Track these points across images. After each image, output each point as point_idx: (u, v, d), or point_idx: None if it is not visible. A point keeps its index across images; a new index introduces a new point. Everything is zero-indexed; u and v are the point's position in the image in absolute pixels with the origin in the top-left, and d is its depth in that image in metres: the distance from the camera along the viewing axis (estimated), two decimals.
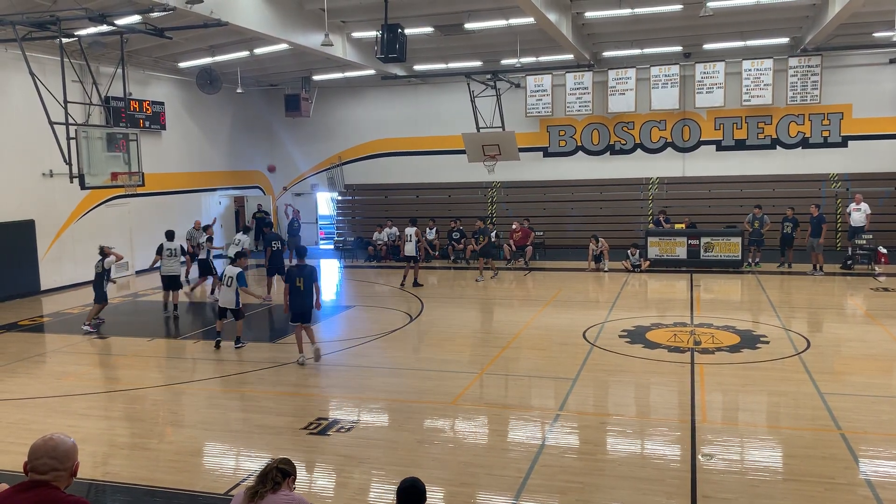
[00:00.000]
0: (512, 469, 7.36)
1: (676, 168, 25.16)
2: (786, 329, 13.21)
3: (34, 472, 3.40)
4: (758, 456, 7.63)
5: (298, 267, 11.70)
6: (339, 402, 9.86)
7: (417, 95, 27.36)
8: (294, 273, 11.62)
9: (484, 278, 18.87)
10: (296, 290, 11.49)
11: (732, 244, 20.16)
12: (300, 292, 11.47)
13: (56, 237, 19.39)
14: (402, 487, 4.17)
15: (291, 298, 11.53)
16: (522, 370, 11.23)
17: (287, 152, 29.26)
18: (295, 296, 11.50)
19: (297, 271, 11.59)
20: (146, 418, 9.39)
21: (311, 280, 11.51)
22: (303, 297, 11.49)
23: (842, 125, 23.57)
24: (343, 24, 19.80)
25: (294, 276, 11.56)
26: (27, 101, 16.20)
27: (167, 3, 13.33)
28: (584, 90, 24.69)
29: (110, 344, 13.46)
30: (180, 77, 23.79)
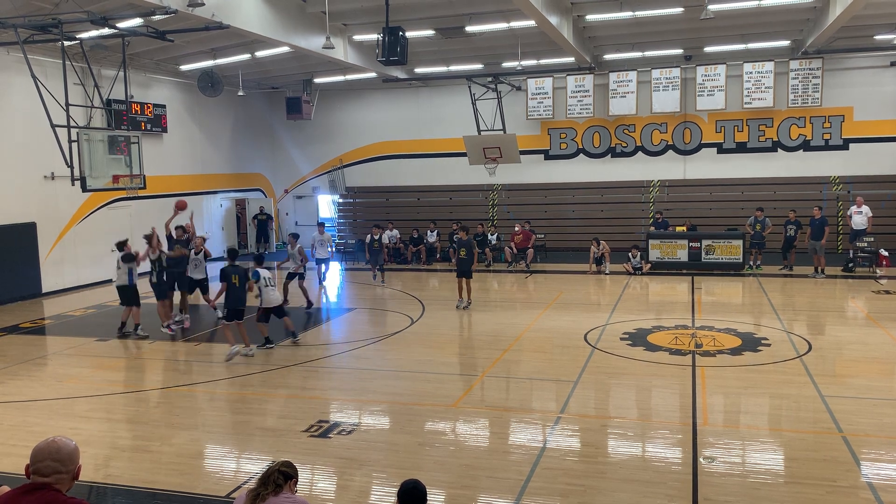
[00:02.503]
0: (513, 472, 7.35)
1: (677, 171, 25.17)
2: (787, 332, 13.20)
3: (36, 475, 3.40)
4: (759, 458, 7.62)
5: (233, 266, 12.28)
6: (340, 404, 9.86)
7: (419, 98, 27.39)
8: (229, 271, 12.19)
9: (464, 301, 16.14)
10: (231, 288, 12.15)
11: (734, 247, 20.15)
12: (235, 290, 12.14)
13: (58, 240, 19.41)
14: (403, 490, 4.17)
15: (228, 295, 12.17)
16: (524, 373, 11.22)
17: (288, 155, 29.31)
18: (231, 292, 12.14)
19: (232, 270, 12.21)
20: (147, 421, 9.38)
21: (245, 279, 12.23)
22: (239, 294, 12.18)
23: (843, 128, 23.58)
24: (344, 27, 19.83)
25: (229, 274, 12.16)
26: (29, 104, 16.24)
27: (169, 5, 13.35)
28: (585, 93, 24.71)
29: (112, 346, 13.46)
30: (182, 80, 23.83)
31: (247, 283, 12.25)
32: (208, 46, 20.31)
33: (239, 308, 12.20)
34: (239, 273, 12.22)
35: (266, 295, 12.60)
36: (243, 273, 12.24)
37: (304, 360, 12.09)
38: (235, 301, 12.18)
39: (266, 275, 12.59)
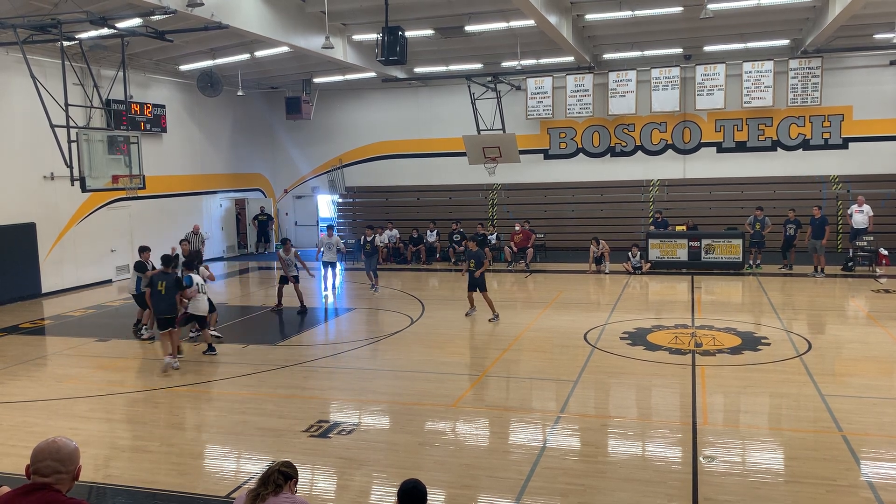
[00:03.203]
0: (513, 471, 7.36)
1: (677, 170, 25.17)
2: (787, 331, 13.20)
3: (37, 475, 3.40)
4: (759, 458, 7.62)
5: (163, 273, 11.81)
6: (340, 404, 9.86)
7: (418, 98, 27.39)
8: (156, 278, 11.74)
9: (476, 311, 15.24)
10: (156, 294, 11.67)
11: (733, 246, 20.16)
12: (161, 297, 11.64)
13: (57, 240, 19.41)
14: (403, 489, 4.16)
15: (154, 302, 11.76)
16: (523, 372, 11.23)
17: (288, 155, 29.31)
18: (158, 300, 11.67)
19: (161, 276, 11.73)
20: (147, 421, 9.38)
21: (175, 287, 11.66)
22: (166, 302, 11.64)
23: (842, 127, 23.58)
24: (344, 27, 19.83)
25: (156, 282, 11.69)
26: (28, 104, 16.23)
27: (168, 5, 13.35)
28: (584, 92, 24.71)
29: (111, 347, 13.45)
30: (181, 80, 23.82)
31: (178, 291, 11.67)
32: (207, 46, 20.30)
33: (167, 317, 11.66)
34: (167, 280, 11.68)
35: (194, 302, 12.20)
36: (173, 281, 11.71)
37: (304, 360, 12.09)
38: (163, 309, 11.64)
39: (199, 280, 12.31)
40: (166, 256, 12.09)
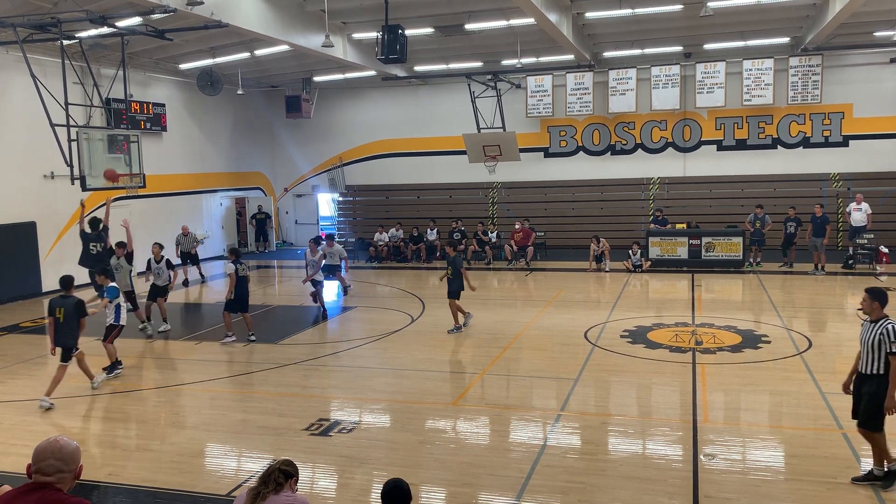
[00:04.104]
0: (513, 469, 7.36)
1: (677, 168, 25.17)
2: (787, 329, 13.20)
3: (39, 474, 3.41)
4: (760, 456, 7.63)
5: (62, 297, 10.24)
6: (340, 403, 9.87)
7: (418, 96, 27.38)
8: (54, 304, 10.19)
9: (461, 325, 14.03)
10: (56, 324, 10.13)
11: (734, 244, 20.15)
12: (60, 326, 10.11)
13: (57, 239, 19.41)
14: (385, 490, 4.15)
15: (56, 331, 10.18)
16: (524, 371, 11.23)
17: (288, 153, 29.30)
18: (56, 329, 10.16)
19: (59, 302, 10.18)
20: (148, 420, 9.39)
21: (76, 313, 10.11)
22: (62, 332, 10.14)
23: (842, 125, 23.57)
24: (343, 26, 19.82)
25: (54, 308, 10.16)
26: (28, 103, 16.23)
27: (168, 4, 13.34)
28: (584, 90, 24.69)
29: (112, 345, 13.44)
30: (181, 78, 23.82)
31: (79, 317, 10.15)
32: (207, 45, 20.29)
33: (69, 346, 10.19)
34: (66, 306, 10.11)
35: (123, 312, 11.51)
36: (72, 306, 10.11)
37: (305, 359, 12.10)
38: (61, 340, 10.15)
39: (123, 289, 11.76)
40: (64, 278, 10.46)
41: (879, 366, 6.61)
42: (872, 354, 6.65)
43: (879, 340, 6.57)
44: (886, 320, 6.63)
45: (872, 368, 6.66)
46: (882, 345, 6.56)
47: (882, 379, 6.59)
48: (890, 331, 6.53)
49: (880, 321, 6.65)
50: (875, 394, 6.62)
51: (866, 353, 6.70)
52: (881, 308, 6.73)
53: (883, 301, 6.74)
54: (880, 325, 6.61)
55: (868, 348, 6.68)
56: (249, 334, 13.39)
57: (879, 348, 6.58)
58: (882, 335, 6.56)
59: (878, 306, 6.74)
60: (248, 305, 13.60)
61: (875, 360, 6.63)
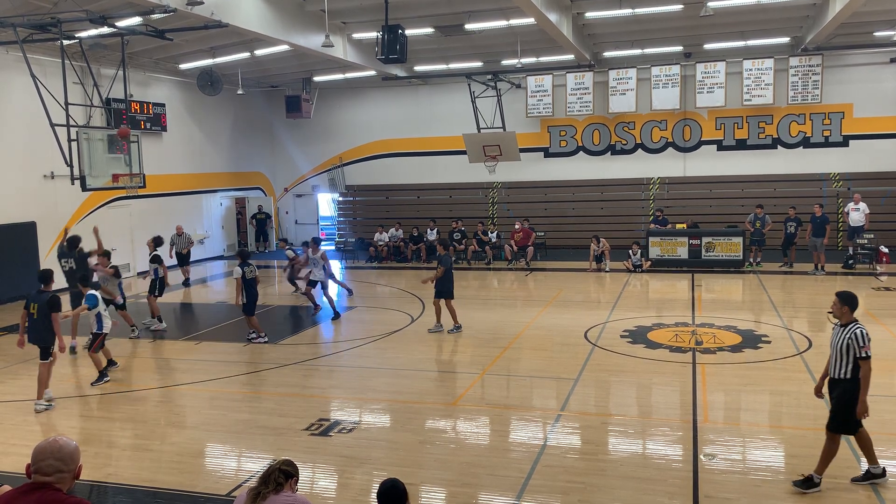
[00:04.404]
0: (514, 469, 7.36)
1: (677, 168, 25.16)
2: (787, 329, 13.20)
3: (38, 474, 3.41)
4: (760, 456, 7.63)
5: (38, 293, 9.94)
6: (340, 402, 9.87)
7: (418, 96, 27.38)
8: (30, 299, 9.97)
9: (443, 327, 13.72)
10: (29, 318, 9.91)
11: (734, 244, 20.15)
12: (34, 322, 9.85)
13: (57, 239, 19.28)
14: (381, 490, 4.14)
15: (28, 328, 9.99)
16: (524, 370, 11.23)
17: (288, 153, 29.31)
18: (30, 326, 9.91)
19: (34, 297, 9.91)
20: (148, 419, 9.39)
21: (49, 309, 9.74)
22: (35, 328, 9.89)
23: (843, 124, 23.57)
24: (344, 26, 19.82)
25: (28, 304, 9.93)
26: (28, 103, 16.22)
27: (168, 4, 13.34)
28: (584, 90, 24.69)
29: (112, 345, 13.43)
30: (181, 78, 23.82)
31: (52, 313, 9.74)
32: (207, 45, 20.29)
33: (41, 346, 9.89)
34: (40, 301, 9.79)
35: (105, 320, 11.07)
36: (46, 301, 9.77)
37: (305, 359, 12.10)
38: (36, 337, 9.90)
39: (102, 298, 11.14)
40: (42, 272, 10.22)
41: (848, 370, 6.65)
42: (842, 359, 6.68)
43: (848, 345, 6.62)
44: (856, 325, 6.66)
45: (841, 373, 6.70)
46: (851, 349, 6.59)
47: (849, 383, 6.63)
48: (858, 335, 6.56)
49: (849, 325, 6.69)
50: (842, 397, 6.65)
51: (836, 358, 6.74)
52: (850, 312, 6.76)
53: (853, 305, 6.77)
54: (849, 330, 6.65)
55: (837, 352, 6.72)
56: (250, 332, 13.39)
57: (848, 352, 6.62)
58: (851, 339, 6.59)
59: (847, 310, 6.76)
60: (255, 308, 13.50)
61: (844, 364, 6.66)
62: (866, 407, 6.59)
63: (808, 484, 6.72)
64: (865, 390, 6.58)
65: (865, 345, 6.56)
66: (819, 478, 6.75)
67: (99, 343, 11.08)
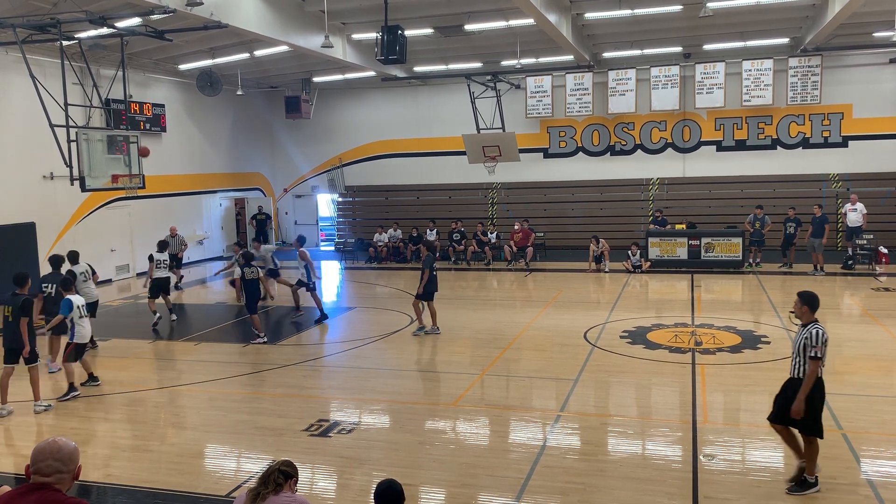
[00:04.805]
0: (513, 470, 7.36)
1: (677, 168, 25.17)
2: (787, 329, 13.20)
3: (37, 475, 3.41)
4: (759, 456, 7.63)
5: (13, 296, 9.71)
6: (340, 403, 9.87)
7: (418, 97, 27.38)
8: (5, 301, 9.76)
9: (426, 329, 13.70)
10: (5, 322, 9.70)
11: (733, 244, 20.15)
12: (8, 325, 9.64)
13: (57, 239, 19.40)
14: (378, 490, 4.14)
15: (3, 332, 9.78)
16: (523, 371, 11.23)
17: (287, 154, 29.30)
18: (4, 330, 9.73)
19: (9, 300, 9.69)
20: (147, 420, 9.39)
21: (22, 312, 9.54)
22: (9, 332, 9.64)
23: (842, 125, 23.58)
24: (343, 26, 19.82)
25: (4, 306, 9.73)
26: (28, 104, 16.22)
27: (167, 5, 13.34)
28: (584, 91, 24.70)
29: (112, 346, 13.45)
30: (181, 79, 23.81)
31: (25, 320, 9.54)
32: (207, 46, 20.29)
33: (18, 349, 9.65)
34: (14, 305, 9.56)
35: (79, 328, 10.36)
36: (19, 304, 9.56)
37: (304, 359, 12.10)
38: (12, 340, 9.63)
39: (79, 303, 10.38)
40: (17, 275, 9.88)
41: (805, 369, 6.64)
42: (800, 358, 6.69)
43: (805, 344, 6.62)
44: (814, 325, 6.65)
45: (799, 372, 6.69)
46: (807, 348, 6.58)
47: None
48: (814, 335, 6.56)
49: (809, 325, 6.68)
50: (809, 399, 6.61)
51: (795, 357, 6.75)
52: (811, 312, 6.75)
53: (813, 305, 6.76)
54: (807, 329, 6.65)
55: (796, 352, 6.73)
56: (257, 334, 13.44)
57: (805, 352, 6.63)
58: (807, 339, 6.60)
59: (807, 310, 6.76)
60: (256, 307, 13.57)
61: (802, 363, 6.67)
62: (802, 407, 6.57)
63: (803, 486, 6.72)
64: (805, 390, 6.56)
65: (818, 345, 6.54)
66: (813, 478, 6.75)
67: (71, 352, 10.34)
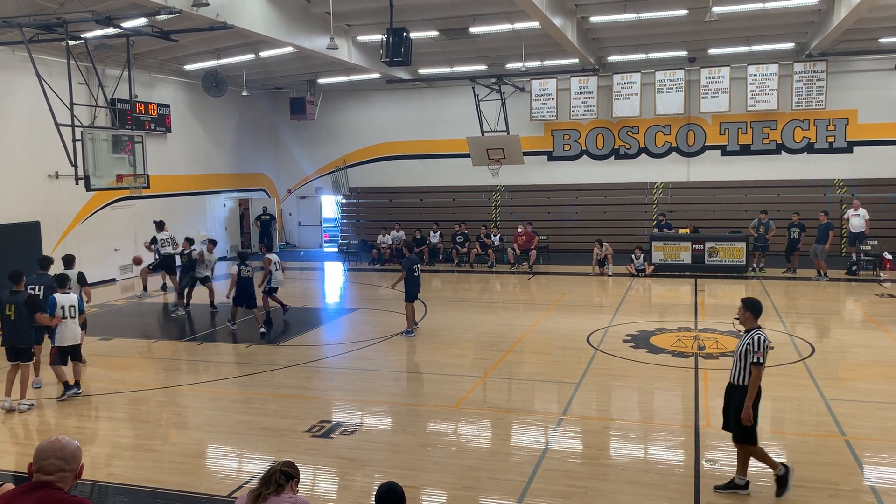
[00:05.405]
0: (515, 473, 7.35)
1: (681, 173, 25.15)
2: (790, 335, 13.17)
3: (40, 473, 3.42)
4: (761, 462, 7.60)
5: (11, 293, 9.80)
6: (342, 405, 9.87)
7: (422, 99, 27.40)
8: (4, 299, 9.76)
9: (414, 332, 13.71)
10: (6, 321, 9.67)
11: (737, 249, 20.12)
12: (10, 323, 9.65)
13: (61, 239, 19.43)
14: (379, 492, 4.14)
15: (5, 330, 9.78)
16: (526, 374, 11.22)
17: (292, 155, 29.34)
18: (6, 328, 9.72)
19: (9, 297, 9.74)
20: (150, 420, 9.40)
21: (29, 308, 9.65)
22: (12, 329, 9.65)
23: (847, 130, 23.53)
24: (348, 28, 19.85)
25: (4, 303, 9.72)
26: (33, 103, 16.26)
27: (173, 6, 13.38)
28: (588, 94, 24.69)
29: (115, 346, 13.48)
30: (186, 80, 23.86)
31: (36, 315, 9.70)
32: (212, 46, 20.33)
33: (20, 347, 9.75)
34: (17, 302, 9.67)
35: (62, 330, 10.02)
36: (23, 301, 9.70)
37: (307, 361, 12.11)
38: (15, 338, 9.71)
39: (66, 303, 10.09)
40: (12, 272, 9.95)
41: (745, 376, 6.62)
42: (741, 364, 6.66)
43: (747, 350, 6.59)
44: (757, 331, 6.64)
45: (740, 378, 6.67)
46: (748, 354, 6.57)
47: (745, 390, 6.60)
48: (755, 341, 6.55)
49: (751, 331, 6.66)
50: (742, 406, 6.60)
51: (736, 363, 6.72)
52: (754, 318, 6.73)
53: (756, 311, 6.75)
54: (749, 335, 6.64)
55: (737, 357, 6.70)
56: (259, 328, 13.99)
57: (746, 357, 6.60)
58: (749, 344, 6.58)
59: (749, 316, 6.74)
60: (255, 302, 14.22)
61: (743, 369, 6.63)
62: (751, 414, 6.55)
63: (730, 486, 6.79)
64: (751, 397, 6.53)
65: (759, 351, 6.51)
66: (743, 479, 6.77)
67: (56, 355, 10.10)
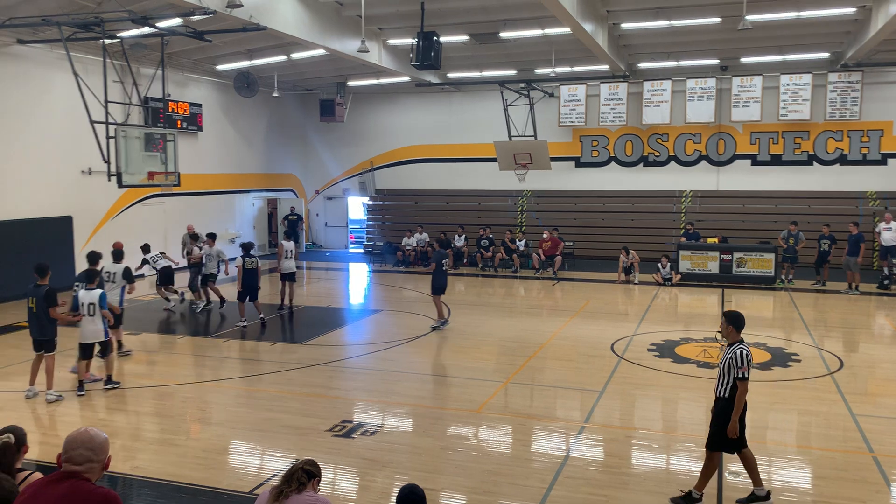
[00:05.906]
0: (535, 479, 7.33)
1: (710, 182, 24.91)
2: (818, 348, 12.98)
3: (69, 463, 3.49)
4: (786, 476, 7.50)
5: (35, 287, 9.97)
6: (364, 405, 9.91)
7: (451, 103, 27.46)
8: (28, 293, 10.02)
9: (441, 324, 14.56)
10: (29, 313, 10.03)
11: (766, 260, 19.87)
12: (33, 316, 9.98)
13: (93, 234, 19.77)
14: (400, 495, 4.16)
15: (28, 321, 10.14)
16: (548, 380, 11.18)
17: (320, 156, 29.56)
18: (29, 319, 10.10)
19: (32, 291, 9.96)
20: (175, 415, 9.52)
21: (47, 303, 9.84)
22: (34, 322, 9.99)
23: (882, 142, 23.15)
24: (379, 31, 19.96)
25: (28, 296, 10.00)
26: (69, 100, 16.58)
27: (207, 6, 13.56)
28: (618, 101, 24.57)
29: (142, 341, 13.67)
30: (218, 80, 24.16)
31: (50, 309, 9.85)
32: (245, 47, 20.57)
33: (41, 339, 10.03)
34: (38, 296, 9.85)
35: (82, 327, 10.24)
36: (42, 295, 9.84)
37: (330, 360, 12.18)
38: (37, 331, 10.02)
39: (87, 300, 10.23)
40: (38, 265, 10.08)
41: (727, 389, 6.61)
42: (723, 377, 6.65)
43: (729, 364, 6.58)
44: (739, 345, 6.61)
45: (722, 391, 6.66)
46: (731, 368, 6.55)
47: (727, 402, 6.60)
48: (738, 355, 6.53)
49: (734, 345, 6.64)
50: (720, 416, 6.63)
51: (719, 376, 6.72)
52: (736, 332, 6.71)
53: (738, 325, 6.72)
54: (732, 349, 6.61)
55: (721, 371, 6.70)
56: (260, 315, 15.05)
57: (729, 372, 6.59)
58: (731, 359, 6.56)
59: (732, 330, 6.72)
60: (257, 293, 15.07)
61: (725, 382, 6.63)
62: (736, 427, 6.54)
63: (687, 500, 6.73)
64: (737, 411, 6.53)
65: (744, 365, 6.50)
66: (699, 494, 6.73)
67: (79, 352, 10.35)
